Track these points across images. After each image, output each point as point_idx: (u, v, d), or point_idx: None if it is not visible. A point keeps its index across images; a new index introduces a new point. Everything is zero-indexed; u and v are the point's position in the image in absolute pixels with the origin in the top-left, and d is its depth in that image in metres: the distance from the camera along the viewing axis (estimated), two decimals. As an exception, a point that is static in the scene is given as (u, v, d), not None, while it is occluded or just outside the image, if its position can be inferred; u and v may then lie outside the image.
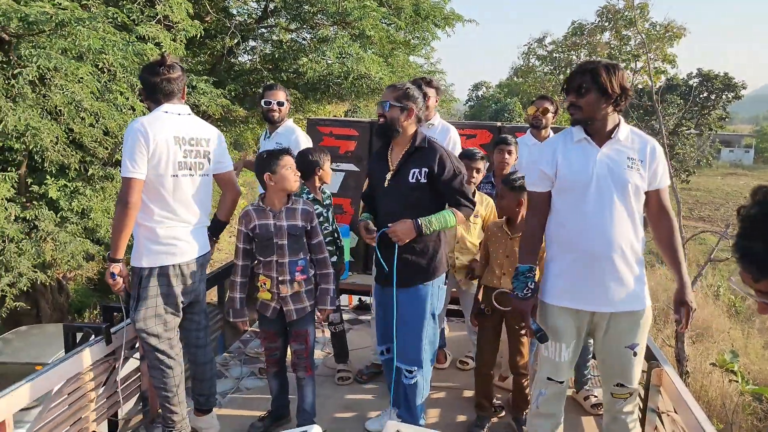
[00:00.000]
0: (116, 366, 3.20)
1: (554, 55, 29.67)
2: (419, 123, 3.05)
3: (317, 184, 3.75)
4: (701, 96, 25.43)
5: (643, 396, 3.09)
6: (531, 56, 30.21)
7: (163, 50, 6.45)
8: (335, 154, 5.16)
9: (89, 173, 7.84)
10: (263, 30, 9.51)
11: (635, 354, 2.59)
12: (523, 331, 3.32)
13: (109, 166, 8.08)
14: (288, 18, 9.58)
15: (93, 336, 3.19)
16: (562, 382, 2.70)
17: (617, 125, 2.56)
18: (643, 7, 27.70)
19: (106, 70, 6.74)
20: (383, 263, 3.01)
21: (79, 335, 3.37)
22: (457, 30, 10.21)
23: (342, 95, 9.17)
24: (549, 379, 2.70)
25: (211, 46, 10.19)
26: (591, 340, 2.96)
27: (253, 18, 10.16)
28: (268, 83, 4.35)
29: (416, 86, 3.08)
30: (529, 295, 2.64)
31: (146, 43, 6.09)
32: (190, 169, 2.98)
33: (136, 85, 6.84)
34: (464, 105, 46.43)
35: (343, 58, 7.93)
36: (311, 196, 3.68)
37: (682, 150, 23.45)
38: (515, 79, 34.25)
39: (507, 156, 4.12)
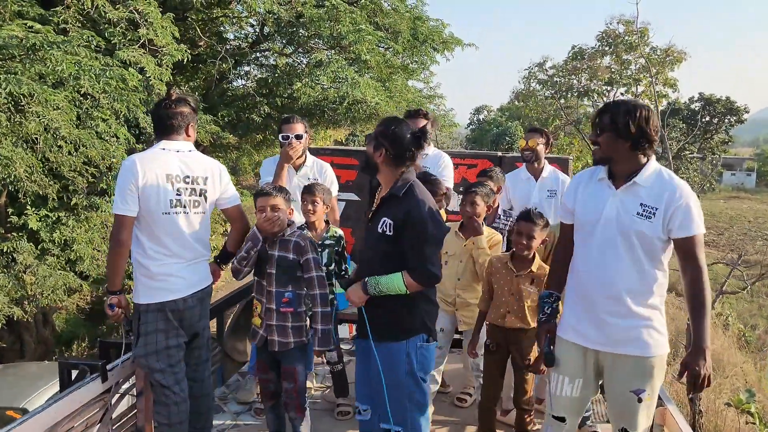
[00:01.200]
0: (112, 403, 3.16)
1: (555, 79, 29.59)
2: (402, 167, 2.73)
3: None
4: (704, 120, 25.22)
5: None
6: (531, 80, 30.12)
7: (148, 76, 6.18)
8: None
9: (72, 203, 7.53)
10: (257, 54, 9.26)
11: (640, 400, 2.55)
12: (528, 367, 3.30)
13: (94, 195, 7.76)
14: (283, 42, 9.35)
15: (89, 373, 3.12)
16: (563, 420, 2.70)
17: (641, 168, 2.52)
18: (644, 31, 27.75)
19: (88, 96, 6.45)
20: (361, 313, 2.82)
21: (75, 372, 3.28)
22: (456, 54, 9.99)
23: (337, 121, 8.88)
24: (553, 417, 2.73)
25: (204, 71, 9.97)
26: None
27: (247, 42, 9.94)
28: (285, 116, 4.21)
29: (409, 119, 2.74)
30: (543, 319, 2.74)
31: (128, 68, 5.79)
32: (185, 207, 2.99)
33: (121, 112, 6.56)
34: (466, 128, 46.33)
35: (338, 82, 7.65)
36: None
37: (685, 174, 23.14)
38: (516, 103, 34.17)
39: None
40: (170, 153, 2.97)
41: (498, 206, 4.19)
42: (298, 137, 4.01)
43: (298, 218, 3.67)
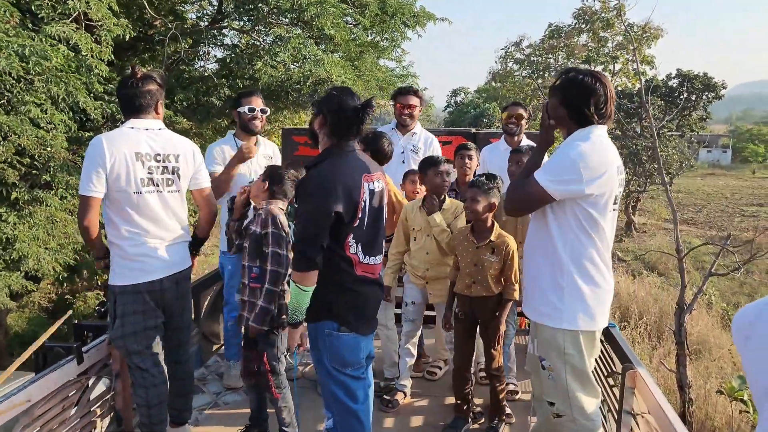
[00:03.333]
0: (89, 385, 3.17)
1: (532, 58, 29.20)
2: (339, 140, 2.54)
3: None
4: (681, 97, 24.99)
5: (618, 397, 3.16)
6: (509, 60, 29.67)
7: (84, 54, 5.53)
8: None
9: (12, 197, 6.87)
10: (215, 32, 8.59)
11: (543, 367, 2.62)
12: (496, 334, 3.41)
13: (37, 189, 7.11)
14: (243, 20, 8.68)
15: (65, 355, 3.11)
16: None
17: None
18: (620, 7, 27.41)
19: (21, 78, 5.79)
20: None
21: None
22: (433, 34, 9.43)
23: (302, 103, 8.28)
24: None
25: (161, 52, 9.27)
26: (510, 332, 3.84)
27: (206, 20, 9.25)
28: (243, 90, 4.28)
29: (399, 96, 3.42)
30: None
31: (58, 46, 5.15)
32: (157, 186, 2.95)
33: (59, 96, 5.91)
34: (443, 111, 45.94)
35: (301, 60, 7.05)
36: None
37: (664, 152, 22.91)
38: (493, 83, 33.73)
39: (468, 161, 4.11)
40: (140, 131, 2.91)
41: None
42: (263, 111, 3.98)
43: None
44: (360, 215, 2.48)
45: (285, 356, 3.24)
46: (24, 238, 6.99)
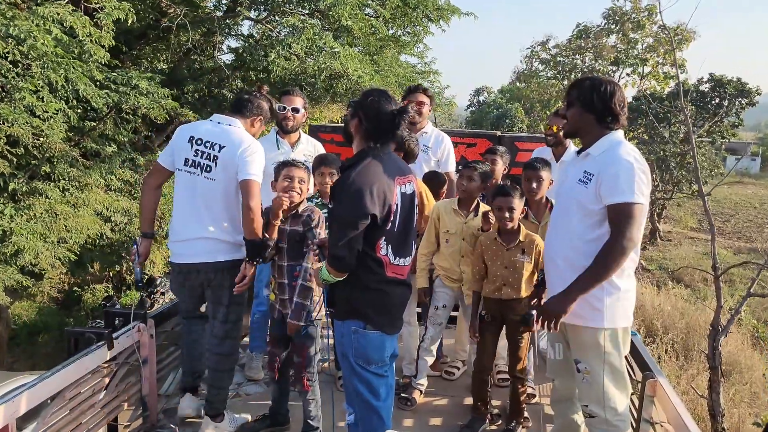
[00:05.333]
0: (117, 371, 3.28)
1: (558, 58, 28.53)
2: (373, 142, 2.55)
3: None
4: (713, 102, 24.15)
5: (637, 406, 3.17)
6: (534, 60, 29.02)
7: (81, 39, 5.17)
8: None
9: (10, 188, 6.56)
10: (229, 21, 8.21)
11: (578, 371, 2.66)
12: (521, 337, 3.46)
13: (36, 180, 6.80)
14: (258, 9, 8.29)
15: (95, 341, 3.20)
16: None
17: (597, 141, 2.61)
18: (651, 9, 26.62)
19: (19, 63, 5.47)
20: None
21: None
22: (456, 32, 8.96)
23: (317, 97, 7.86)
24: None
25: (176, 42, 8.93)
26: (535, 334, 3.80)
27: (220, 9, 8.89)
28: (285, 88, 4.22)
29: (409, 94, 3.44)
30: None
31: (49, 28, 4.78)
32: (196, 168, 3.10)
33: (57, 83, 5.57)
34: (465, 110, 45.33)
35: (315, 52, 6.63)
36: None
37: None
38: (517, 84, 33.08)
39: (493, 166, 4.04)
40: (210, 122, 3.20)
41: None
42: (295, 110, 3.98)
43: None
44: (393, 218, 2.52)
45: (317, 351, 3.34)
46: (21, 231, 6.67)
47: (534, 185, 3.63)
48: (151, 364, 3.44)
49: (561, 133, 4.17)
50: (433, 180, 4.12)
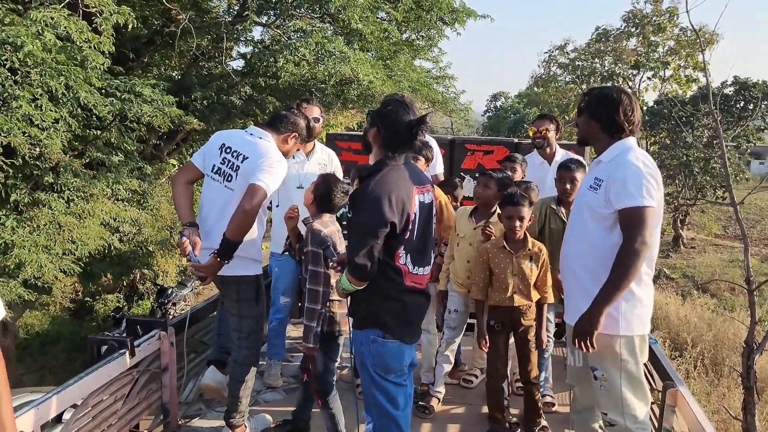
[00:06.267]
0: (138, 378, 3.30)
1: (577, 62, 28.04)
2: (392, 151, 2.58)
3: None
4: (738, 106, 23.52)
5: (658, 415, 3.16)
6: (552, 64, 28.58)
7: (79, 45, 4.95)
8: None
9: (12, 200, 6.38)
10: (238, 27, 7.99)
11: (595, 378, 2.67)
12: (531, 343, 3.51)
13: (39, 191, 6.61)
14: (268, 13, 8.07)
15: (117, 348, 3.24)
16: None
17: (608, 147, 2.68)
18: (672, 11, 26.02)
19: (18, 70, 5.27)
20: None
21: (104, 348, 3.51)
22: (474, 37, 8.67)
23: (328, 103, 7.60)
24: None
25: (186, 48, 8.73)
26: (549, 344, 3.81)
27: (231, 14, 8.68)
28: (303, 97, 4.28)
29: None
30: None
31: (41, 32, 4.56)
32: (220, 176, 3.12)
33: (57, 90, 5.37)
34: (482, 116, 45.02)
35: (324, 56, 6.37)
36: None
37: (717, 164, 21.52)
38: (535, 89, 32.64)
39: (511, 173, 4.03)
40: (245, 133, 3.22)
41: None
42: (316, 120, 3.94)
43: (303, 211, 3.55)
44: (411, 227, 2.54)
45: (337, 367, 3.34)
46: (23, 244, 6.49)
47: (568, 186, 3.67)
48: (172, 372, 3.51)
49: (549, 135, 4.39)
50: (447, 185, 4.27)
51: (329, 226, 3.10)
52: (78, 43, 4.84)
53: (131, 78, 6.19)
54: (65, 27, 4.57)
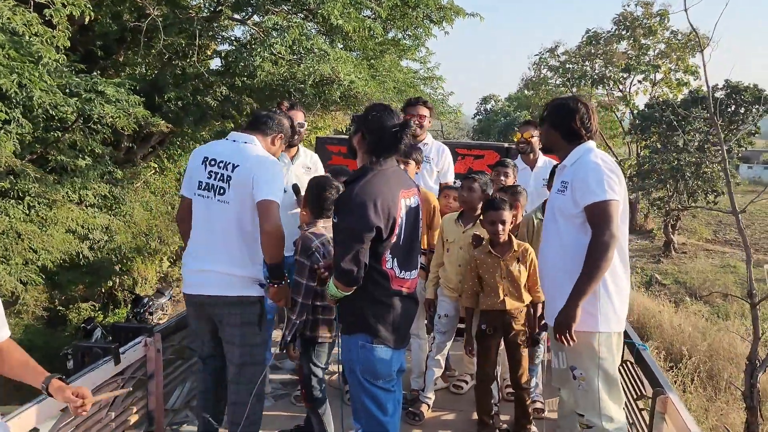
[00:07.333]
0: (124, 386, 3.25)
1: (567, 65, 27.80)
2: (377, 157, 2.57)
3: None
4: (729, 110, 23.32)
5: (648, 422, 3.18)
6: (542, 67, 28.33)
7: (28, 39, 4.50)
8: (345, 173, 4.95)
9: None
10: (214, 24, 7.55)
11: (574, 377, 2.74)
12: (523, 347, 3.53)
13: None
14: (244, 11, 7.63)
15: (102, 356, 3.17)
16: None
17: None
18: (663, 14, 25.83)
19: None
20: None
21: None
22: (463, 39, 8.27)
23: (308, 104, 7.17)
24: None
25: (162, 45, 8.28)
26: (538, 350, 3.86)
27: (205, 11, 8.23)
28: (288, 100, 4.18)
29: (408, 107, 3.66)
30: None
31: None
32: (209, 191, 2.92)
33: (9, 89, 4.92)
34: (472, 119, 44.78)
35: (302, 54, 5.95)
36: None
37: (709, 168, 21.29)
38: (525, 91, 32.38)
39: (503, 178, 4.10)
40: (226, 141, 3.02)
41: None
42: (300, 125, 3.92)
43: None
44: (397, 231, 2.54)
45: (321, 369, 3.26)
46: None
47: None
48: (158, 379, 3.46)
49: (533, 140, 4.38)
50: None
51: (323, 234, 3.02)
52: (28, 37, 4.38)
53: (92, 76, 5.73)
54: (9, 17, 4.11)
